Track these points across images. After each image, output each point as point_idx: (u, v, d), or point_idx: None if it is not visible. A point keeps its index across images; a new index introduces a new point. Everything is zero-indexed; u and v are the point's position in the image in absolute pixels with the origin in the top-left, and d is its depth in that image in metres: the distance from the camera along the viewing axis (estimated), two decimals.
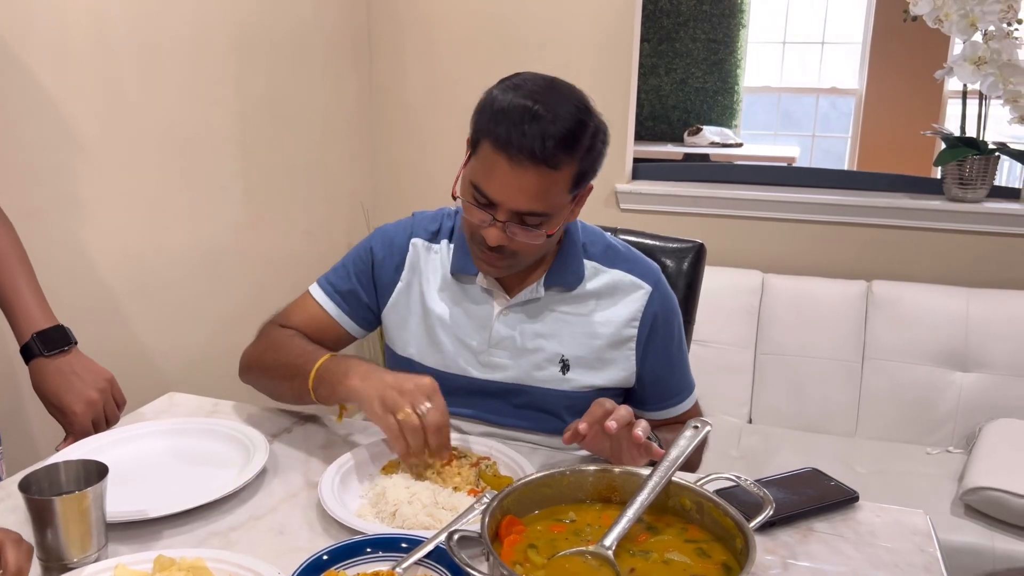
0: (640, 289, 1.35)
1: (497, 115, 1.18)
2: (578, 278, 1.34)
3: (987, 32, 2.40)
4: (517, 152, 1.15)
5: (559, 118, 1.17)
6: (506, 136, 1.16)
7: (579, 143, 1.19)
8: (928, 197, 2.61)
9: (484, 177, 1.20)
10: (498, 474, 1.18)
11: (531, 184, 1.17)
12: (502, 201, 1.19)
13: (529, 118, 1.15)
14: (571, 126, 1.17)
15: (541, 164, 1.16)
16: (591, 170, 1.24)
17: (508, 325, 1.34)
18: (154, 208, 1.99)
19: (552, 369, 1.34)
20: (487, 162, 1.19)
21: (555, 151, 1.16)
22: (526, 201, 1.19)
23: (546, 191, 1.19)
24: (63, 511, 0.94)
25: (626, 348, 1.35)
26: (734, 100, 4.98)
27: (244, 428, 1.29)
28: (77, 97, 1.77)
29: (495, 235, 1.21)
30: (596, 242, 1.38)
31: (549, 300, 1.35)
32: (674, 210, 2.76)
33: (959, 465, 2.23)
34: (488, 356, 1.35)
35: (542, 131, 1.15)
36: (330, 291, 1.41)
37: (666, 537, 0.99)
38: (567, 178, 1.20)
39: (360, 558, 0.96)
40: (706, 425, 1.08)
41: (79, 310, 1.80)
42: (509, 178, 1.17)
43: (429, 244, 1.40)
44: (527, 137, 1.15)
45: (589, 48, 2.69)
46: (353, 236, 2.83)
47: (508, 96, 1.19)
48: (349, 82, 2.78)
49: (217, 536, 1.06)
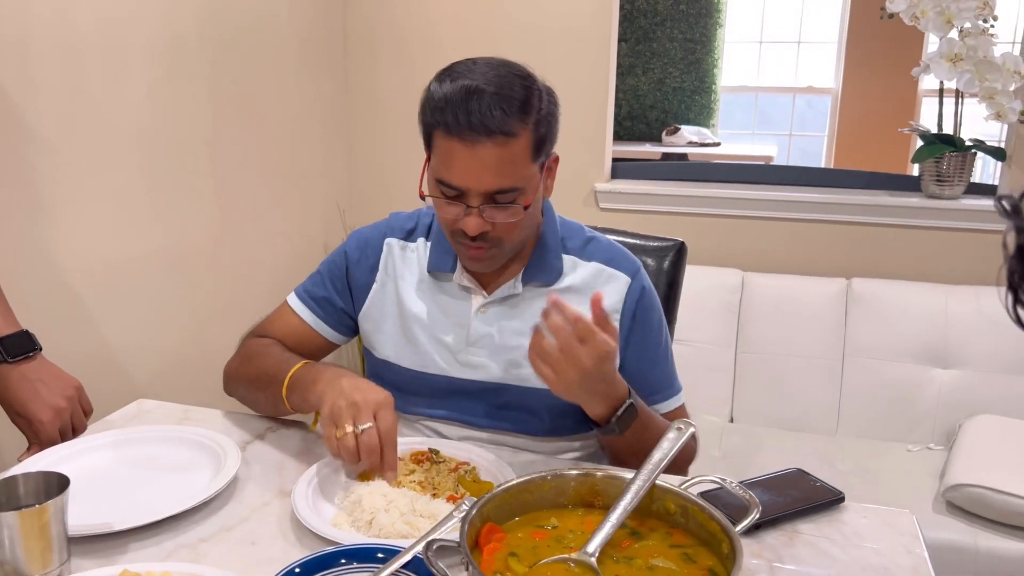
0: (618, 280, 1.33)
1: (439, 104, 1.16)
2: (556, 272, 1.32)
3: (963, 29, 2.40)
4: (469, 131, 1.13)
5: (503, 88, 1.15)
6: (454, 120, 1.13)
7: (529, 106, 1.16)
8: (906, 194, 2.62)
9: (445, 168, 1.17)
10: (478, 479, 1.15)
11: (492, 160, 1.15)
12: (468, 186, 1.16)
13: (472, 95, 1.13)
14: (516, 93, 1.16)
15: (496, 135, 1.13)
16: (549, 135, 1.21)
17: (486, 322, 1.32)
18: (122, 210, 1.94)
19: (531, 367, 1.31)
20: (443, 152, 1.17)
21: (505, 119, 1.13)
22: (492, 179, 1.16)
23: (509, 163, 1.16)
24: (22, 525, 0.90)
25: None
26: (711, 100, 4.99)
27: (215, 435, 1.25)
28: (42, 96, 1.72)
29: (474, 223, 1.18)
30: (574, 236, 1.36)
31: (528, 296, 1.32)
32: (653, 209, 2.75)
33: (940, 462, 2.23)
34: (466, 355, 1.32)
35: (487, 104, 1.13)
36: (307, 299, 1.40)
37: (650, 542, 0.97)
38: (526, 146, 1.17)
39: (334, 570, 0.92)
40: (689, 427, 1.06)
41: (44, 315, 1.75)
42: (469, 161, 1.15)
43: (404, 243, 1.38)
44: (474, 114, 1.13)
45: (567, 48, 2.66)
46: (329, 237, 2.79)
47: (446, 85, 1.17)
48: (324, 82, 2.74)
49: (186, 548, 1.02)
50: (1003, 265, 0.52)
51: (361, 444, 1.10)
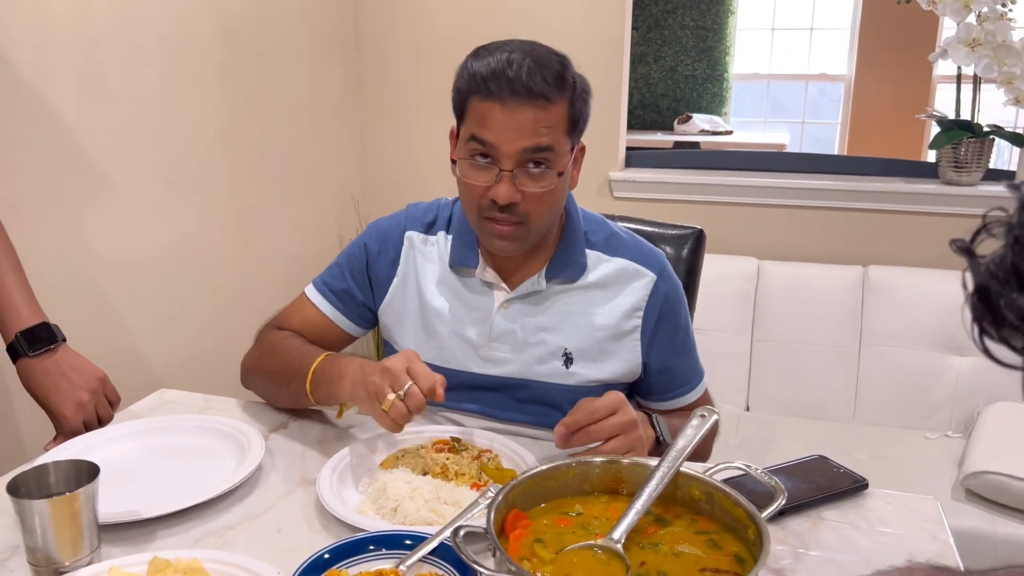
0: (644, 277, 1.32)
1: (479, 72, 1.17)
2: (580, 269, 1.31)
3: (981, 14, 2.38)
4: (510, 94, 1.15)
5: (541, 59, 1.17)
6: (496, 85, 1.15)
7: (565, 81, 1.18)
8: (923, 181, 2.60)
9: (480, 126, 1.18)
10: (500, 467, 1.16)
11: (529, 121, 1.16)
12: (503, 143, 1.16)
13: (513, 65, 1.16)
14: (555, 66, 1.18)
15: (537, 98, 1.15)
16: (582, 115, 1.23)
17: (509, 318, 1.31)
18: (139, 203, 1.95)
19: (555, 363, 1.30)
20: (480, 113, 1.18)
21: (544, 86, 1.15)
22: (528, 138, 1.16)
23: (546, 125, 1.17)
24: (53, 513, 0.91)
25: (630, 339, 1.31)
26: (723, 88, 4.96)
27: (238, 424, 1.26)
28: (60, 92, 1.73)
29: (505, 190, 1.18)
30: (598, 230, 1.35)
31: (551, 292, 1.31)
32: (667, 197, 2.74)
33: (958, 450, 2.22)
34: (488, 350, 1.32)
35: (528, 70, 1.15)
36: (325, 291, 1.39)
37: (676, 529, 0.97)
38: (562, 116, 1.19)
39: (362, 556, 0.93)
40: (713, 414, 1.06)
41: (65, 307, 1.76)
42: (508, 120, 1.16)
43: (425, 236, 1.36)
44: (517, 79, 1.14)
45: (580, 36, 2.65)
46: (344, 229, 2.79)
47: (483, 59, 1.19)
48: (336, 74, 2.74)
49: (213, 536, 1.03)
50: (965, 302, 0.53)
51: (409, 404, 1.09)
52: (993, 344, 0.52)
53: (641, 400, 1.40)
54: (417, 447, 1.20)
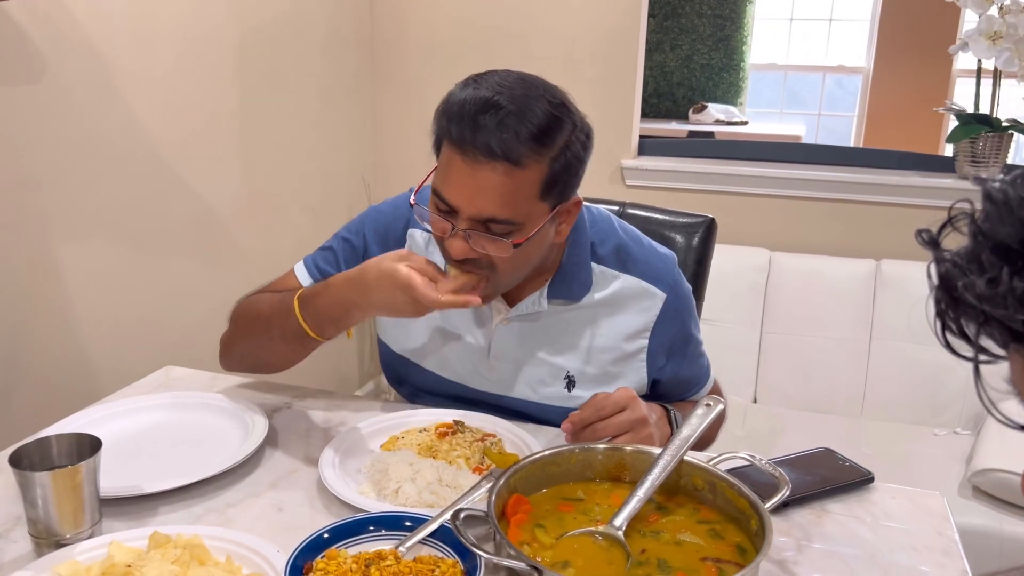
0: (653, 297, 1.24)
1: (452, 111, 1.05)
2: (584, 288, 1.22)
3: (1003, 6, 2.34)
4: (472, 147, 1.02)
5: (525, 110, 1.02)
6: (459, 132, 1.03)
7: (549, 138, 1.04)
8: (939, 175, 2.57)
9: (442, 181, 1.08)
10: (503, 451, 1.15)
11: (490, 184, 1.03)
12: (460, 205, 1.05)
13: (487, 108, 1.02)
14: (539, 119, 1.03)
15: (500, 160, 1.02)
16: (568, 176, 1.08)
17: (508, 337, 1.24)
18: (150, 181, 1.95)
19: (556, 386, 1.25)
20: (444, 163, 1.07)
21: (516, 145, 1.01)
22: (486, 204, 1.04)
23: (509, 194, 1.04)
24: (55, 486, 0.91)
25: (636, 360, 1.26)
26: (740, 77, 4.92)
27: (243, 402, 1.26)
28: (75, 71, 1.72)
29: (458, 247, 1.07)
30: (606, 241, 1.24)
31: (553, 311, 1.23)
32: (680, 186, 2.72)
33: (967, 446, 2.20)
34: (487, 368, 1.27)
35: (500, 122, 1.01)
36: (316, 275, 1.30)
37: (678, 517, 0.96)
38: (534, 181, 1.05)
39: (362, 536, 0.93)
40: (719, 403, 1.05)
41: (76, 282, 1.77)
42: (466, 178, 1.04)
43: (429, 236, 1.24)
44: (482, 130, 1.01)
45: (596, 23, 2.62)
46: (355, 210, 2.77)
47: (468, 91, 1.06)
48: (350, 57, 2.73)
49: (214, 512, 1.03)
50: (929, 295, 0.53)
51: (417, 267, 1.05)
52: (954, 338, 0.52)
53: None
54: (420, 429, 1.20)
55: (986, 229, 0.50)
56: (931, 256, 0.54)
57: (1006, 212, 0.50)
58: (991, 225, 0.50)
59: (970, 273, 0.50)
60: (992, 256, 0.49)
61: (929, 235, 0.54)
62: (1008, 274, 0.48)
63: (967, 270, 0.51)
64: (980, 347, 0.52)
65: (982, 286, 0.49)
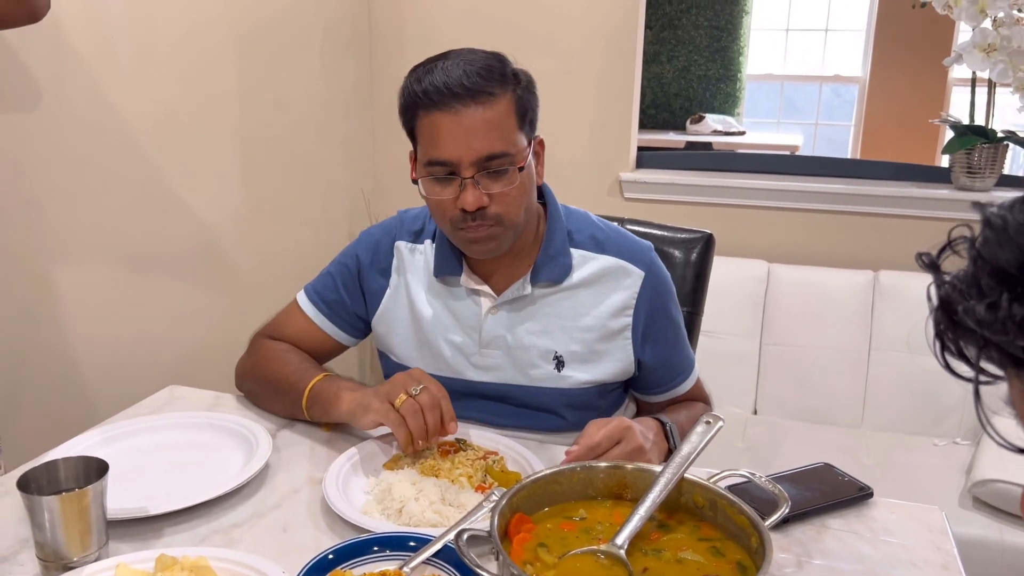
0: (631, 275, 1.31)
1: (413, 90, 1.19)
2: (565, 270, 1.30)
3: (997, 19, 2.36)
4: (449, 99, 1.15)
5: (475, 61, 1.18)
6: (435, 91, 1.16)
7: (504, 75, 1.19)
8: (936, 186, 2.58)
9: (432, 145, 1.18)
10: (506, 470, 1.16)
11: (477, 123, 1.16)
12: (458, 156, 1.16)
13: (436, 61, 1.19)
14: (491, 62, 1.19)
15: (479, 95, 1.15)
16: (531, 106, 1.22)
17: (498, 324, 1.31)
18: (151, 197, 1.96)
19: (546, 367, 1.30)
20: (429, 130, 1.18)
21: (481, 82, 1.16)
22: (481, 143, 1.16)
23: (495, 127, 1.17)
24: (62, 509, 0.92)
25: (621, 338, 1.31)
26: (737, 88, 4.94)
27: (246, 422, 1.27)
28: (75, 88, 1.74)
29: (471, 197, 1.17)
30: (582, 228, 1.33)
31: (537, 295, 1.31)
32: (678, 199, 2.73)
33: (966, 457, 2.21)
34: (480, 357, 1.32)
35: (461, 70, 1.16)
36: (317, 301, 1.39)
37: (679, 535, 0.97)
38: (508, 109, 1.18)
39: (367, 557, 0.94)
40: (718, 421, 1.05)
41: (78, 299, 1.78)
42: (455, 130, 1.16)
43: (413, 245, 1.37)
44: (450, 79, 1.15)
45: (593, 34, 2.65)
46: (354, 224, 2.80)
47: (416, 73, 1.20)
48: (349, 70, 2.74)
49: (219, 534, 1.04)
50: (929, 316, 0.55)
51: (421, 403, 1.13)
52: (953, 359, 0.53)
53: (636, 394, 1.41)
54: (423, 449, 1.21)
55: (985, 254, 0.51)
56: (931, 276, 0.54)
57: (1005, 238, 0.50)
58: (990, 250, 0.51)
59: (970, 297, 0.51)
60: (991, 280, 0.50)
61: (929, 258, 0.56)
62: (1008, 300, 0.49)
63: (967, 294, 0.51)
64: (980, 369, 0.53)
65: (982, 311, 0.50)
